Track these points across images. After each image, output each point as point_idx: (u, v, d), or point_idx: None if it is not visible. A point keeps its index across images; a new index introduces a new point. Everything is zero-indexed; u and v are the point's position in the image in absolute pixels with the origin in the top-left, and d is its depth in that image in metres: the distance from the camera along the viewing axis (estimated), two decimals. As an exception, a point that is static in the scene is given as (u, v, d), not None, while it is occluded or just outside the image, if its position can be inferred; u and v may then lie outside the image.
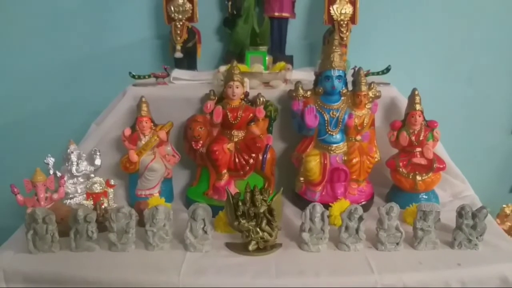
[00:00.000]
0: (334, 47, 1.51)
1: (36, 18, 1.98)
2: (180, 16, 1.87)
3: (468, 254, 1.32)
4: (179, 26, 1.88)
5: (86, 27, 2.01)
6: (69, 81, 2.07)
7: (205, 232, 1.32)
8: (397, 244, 1.33)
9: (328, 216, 1.35)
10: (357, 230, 1.32)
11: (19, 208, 1.44)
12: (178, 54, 1.88)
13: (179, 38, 1.88)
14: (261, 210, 1.29)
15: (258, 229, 1.30)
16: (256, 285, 1.20)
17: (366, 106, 1.58)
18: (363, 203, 1.53)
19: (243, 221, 1.30)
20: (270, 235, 1.31)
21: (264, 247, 1.32)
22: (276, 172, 1.67)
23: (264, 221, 1.30)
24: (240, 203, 1.31)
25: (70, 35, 2.01)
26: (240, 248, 1.32)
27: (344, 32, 1.88)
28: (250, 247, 1.30)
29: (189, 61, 1.93)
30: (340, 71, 1.50)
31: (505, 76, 2.16)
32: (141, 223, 1.36)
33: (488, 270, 1.28)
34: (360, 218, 1.31)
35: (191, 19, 1.89)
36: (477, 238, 1.33)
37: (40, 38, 2.00)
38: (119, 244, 1.31)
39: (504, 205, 1.85)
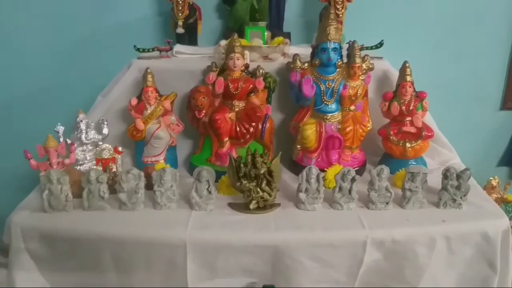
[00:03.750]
0: (330, 21, 1.58)
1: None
2: (182, -7, 1.93)
3: (453, 213, 1.42)
4: (180, 2, 1.92)
5: (92, 4, 2.06)
6: (76, 57, 2.14)
7: (209, 192, 1.41)
8: (387, 203, 1.43)
9: (324, 179, 1.45)
10: (349, 191, 1.42)
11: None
12: (180, 30, 1.94)
13: (180, 14, 1.93)
14: (261, 172, 1.38)
15: (259, 189, 1.39)
16: (257, 238, 1.31)
17: (360, 77, 1.66)
18: (356, 169, 1.60)
19: (244, 182, 1.39)
20: (270, 195, 1.41)
21: (264, 206, 1.41)
22: (275, 141, 1.76)
23: (264, 182, 1.39)
24: (242, 165, 1.40)
25: (77, 13, 2.07)
26: (242, 207, 1.42)
27: (340, 9, 1.93)
28: (251, 206, 1.40)
29: (190, 37, 1.99)
30: (336, 43, 1.58)
31: (495, 53, 2.23)
32: (148, 186, 1.45)
33: (471, 227, 1.38)
34: (353, 179, 1.41)
35: (192, -5, 1.95)
36: (461, 198, 1.43)
37: (46, 16, 2.07)
38: (129, 203, 1.41)
39: (491, 178, 1.93)
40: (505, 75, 2.28)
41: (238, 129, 1.66)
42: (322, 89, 1.62)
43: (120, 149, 1.61)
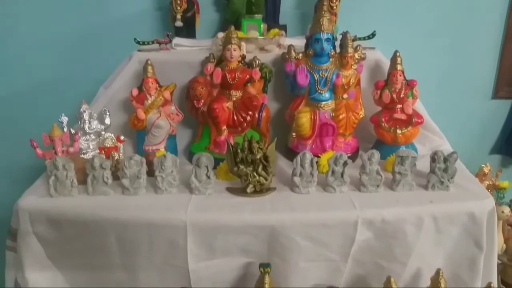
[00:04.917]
0: (323, 12, 1.63)
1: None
2: (180, -13, 1.98)
3: (440, 194, 1.48)
4: (179, -4, 1.99)
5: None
6: (77, 51, 2.18)
7: (208, 177, 1.48)
8: (378, 186, 1.49)
9: (317, 165, 1.52)
10: (342, 174, 1.48)
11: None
12: (179, 23, 1.98)
13: (179, 8, 1.98)
14: (258, 157, 1.44)
15: (255, 174, 1.45)
16: (254, 219, 1.37)
17: (352, 67, 1.71)
18: (349, 155, 1.66)
19: (241, 167, 1.45)
20: (266, 179, 1.47)
21: (260, 190, 1.48)
22: (271, 129, 1.81)
23: (260, 167, 1.46)
24: (239, 151, 1.46)
25: (78, 7, 2.11)
26: (239, 191, 1.48)
27: (334, 1, 1.98)
28: (248, 190, 1.47)
29: (188, 30, 2.03)
30: (329, 34, 1.63)
31: (486, 42, 2.26)
32: (150, 173, 1.51)
33: (457, 207, 1.44)
34: (345, 163, 1.47)
35: (190, -10, 2.00)
36: (448, 180, 1.49)
37: (48, 11, 2.11)
38: (132, 188, 1.47)
39: (483, 165, 2.00)
40: (496, 64, 2.32)
41: (235, 117, 1.72)
42: (316, 78, 1.68)
43: (122, 138, 1.67)
